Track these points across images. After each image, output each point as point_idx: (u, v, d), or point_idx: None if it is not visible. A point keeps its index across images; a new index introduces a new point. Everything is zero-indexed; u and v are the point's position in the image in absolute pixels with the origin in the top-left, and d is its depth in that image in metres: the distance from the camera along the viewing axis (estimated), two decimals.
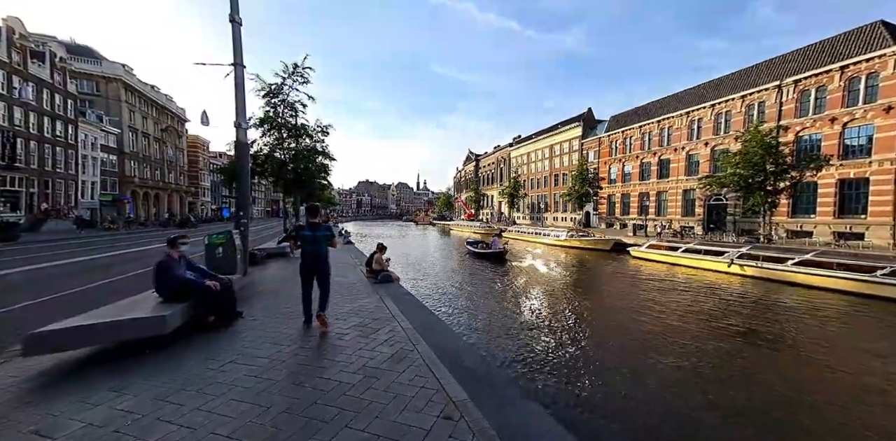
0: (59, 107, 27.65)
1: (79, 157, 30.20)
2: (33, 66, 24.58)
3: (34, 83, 24.80)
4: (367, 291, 5.53)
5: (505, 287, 10.44)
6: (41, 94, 25.68)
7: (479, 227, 41.90)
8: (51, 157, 27.01)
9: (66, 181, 28.95)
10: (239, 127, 7.76)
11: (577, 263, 16.61)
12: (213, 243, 6.16)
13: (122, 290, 5.14)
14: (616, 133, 33.67)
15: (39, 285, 7.11)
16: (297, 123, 15.89)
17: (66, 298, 5.72)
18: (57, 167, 27.88)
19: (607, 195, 34.82)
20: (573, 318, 7.19)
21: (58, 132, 27.69)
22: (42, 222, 25.13)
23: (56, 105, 27.39)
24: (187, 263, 3.84)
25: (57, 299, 5.59)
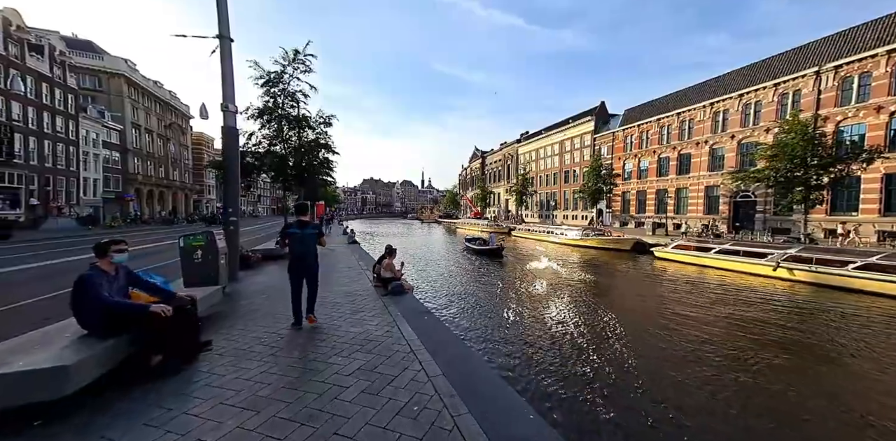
0: (59, 101, 27.06)
1: (80, 154, 29.67)
2: (31, 59, 23.94)
3: (33, 77, 24.20)
4: (376, 307, 4.46)
5: (528, 294, 9.32)
6: (40, 88, 25.09)
7: (486, 225, 40.70)
8: (51, 154, 26.47)
9: (67, 178, 28.44)
10: (226, 110, 6.73)
11: (596, 265, 15.41)
12: (190, 246, 5.14)
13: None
14: (631, 127, 32.12)
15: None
16: (298, 115, 14.88)
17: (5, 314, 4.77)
18: (58, 164, 27.36)
19: (621, 192, 33.34)
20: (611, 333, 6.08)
21: (58, 128, 27.13)
22: (42, 220, 24.65)
23: (56, 100, 26.80)
24: (129, 278, 2.82)
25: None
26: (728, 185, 22.56)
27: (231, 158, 6.93)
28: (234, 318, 4.05)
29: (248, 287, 6.27)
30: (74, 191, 29.32)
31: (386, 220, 79.15)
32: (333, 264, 9.11)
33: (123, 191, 34.83)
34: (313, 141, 15.86)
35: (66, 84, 27.87)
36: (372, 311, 4.33)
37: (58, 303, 5.23)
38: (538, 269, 13.99)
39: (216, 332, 3.54)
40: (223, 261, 5.57)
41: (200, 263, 5.20)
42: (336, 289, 5.89)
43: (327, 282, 6.68)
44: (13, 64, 22.08)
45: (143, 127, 38.32)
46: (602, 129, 37.26)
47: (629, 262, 16.44)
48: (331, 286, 6.24)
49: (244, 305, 4.75)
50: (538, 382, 3.98)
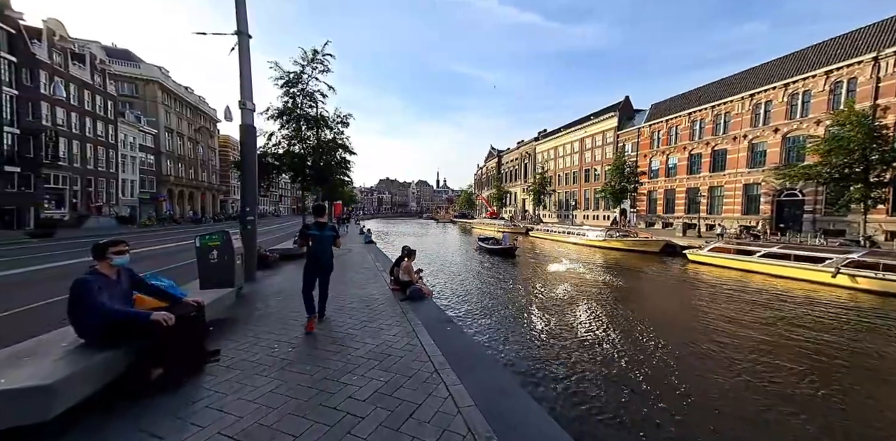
0: (99, 107, 28.81)
1: (119, 157, 31.50)
2: (74, 67, 25.58)
3: (76, 84, 25.87)
4: (394, 315, 4.13)
5: (553, 300, 8.74)
6: (82, 94, 26.78)
7: (502, 225, 39.91)
8: (92, 157, 28.22)
9: (107, 179, 30.26)
10: (244, 107, 6.62)
11: (623, 268, 14.50)
12: (206, 246, 5.01)
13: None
14: (658, 122, 30.42)
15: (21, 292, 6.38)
16: (316, 114, 14.93)
17: (21, 316, 4.80)
18: (99, 166, 29.13)
19: (647, 191, 31.68)
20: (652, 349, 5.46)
21: (99, 132, 28.88)
22: (85, 219, 26.29)
23: (97, 106, 28.54)
24: (132, 282, 2.61)
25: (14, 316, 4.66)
26: (771, 183, 20.81)
27: (248, 156, 6.83)
28: (246, 324, 3.83)
29: (265, 288, 6.12)
30: (114, 192, 31.16)
31: (401, 220, 79.60)
32: (350, 265, 8.91)
33: (157, 191, 36.74)
34: (331, 141, 15.91)
35: (106, 91, 29.64)
36: (390, 319, 4.00)
37: None
38: (560, 271, 13.30)
39: (225, 340, 3.31)
40: (239, 261, 5.42)
41: (216, 264, 5.05)
42: (352, 291, 5.62)
43: (343, 283, 6.44)
44: (57, 72, 23.64)
45: (175, 131, 40.28)
46: (626, 126, 35.58)
47: (659, 265, 15.40)
48: (347, 288, 5.99)
49: (258, 309, 4.55)
50: (581, 415, 3.44)
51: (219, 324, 3.78)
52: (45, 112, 23.04)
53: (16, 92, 20.55)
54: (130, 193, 33.43)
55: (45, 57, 22.44)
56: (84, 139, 27.13)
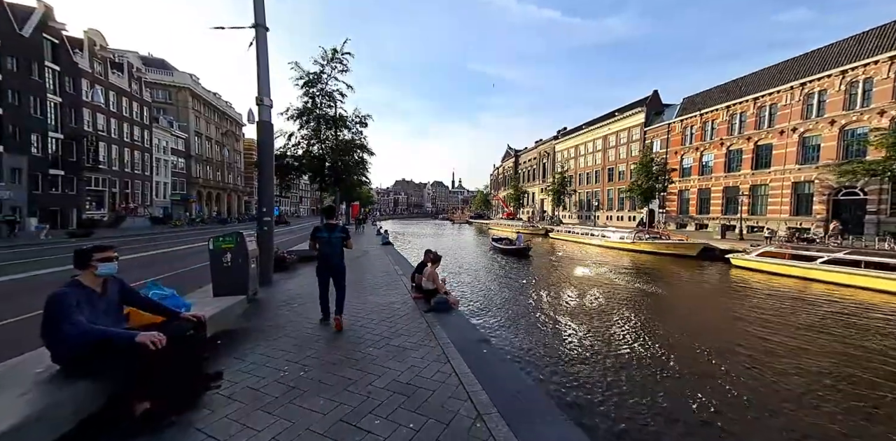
0: (136, 113, 30.41)
1: (153, 160, 33.14)
2: (113, 75, 27.08)
3: (115, 92, 27.39)
4: (419, 329, 3.65)
5: (590, 312, 7.98)
6: (120, 101, 28.33)
7: (521, 226, 38.83)
8: (129, 160, 29.81)
9: (142, 182, 31.90)
10: (261, 103, 6.36)
11: (659, 273, 13.37)
12: (219, 249, 4.71)
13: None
14: (691, 117, 28.47)
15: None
16: (335, 114, 14.82)
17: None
18: (135, 169, 30.76)
19: (678, 190, 29.74)
20: (718, 376, 4.65)
21: (135, 137, 30.49)
22: (122, 219, 27.76)
23: (133, 112, 30.15)
24: (123, 294, 2.24)
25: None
26: (827, 181, 18.80)
27: (265, 155, 6.57)
28: (256, 338, 3.44)
29: (280, 293, 5.80)
30: (148, 193, 32.82)
31: (417, 221, 79.59)
32: (367, 268, 8.53)
33: (187, 193, 38.44)
34: (349, 141, 15.79)
35: (142, 97, 31.27)
36: (414, 336, 3.49)
37: None
38: (589, 276, 12.40)
39: (230, 358, 2.91)
40: (254, 264, 5.11)
41: (229, 268, 4.75)
42: (371, 299, 5.18)
43: (361, 289, 6.03)
44: (98, 80, 25.07)
45: (204, 135, 42.07)
46: (655, 121, 33.66)
47: (697, 270, 14.12)
48: (365, 294, 5.57)
49: (271, 319, 4.17)
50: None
51: (227, 337, 3.41)
52: (87, 118, 24.48)
53: (59, 99, 21.90)
54: (163, 195, 35.10)
55: (86, 66, 23.84)
56: (122, 143, 28.68)
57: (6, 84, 18.08)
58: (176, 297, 2.80)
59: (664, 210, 31.83)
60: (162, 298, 2.71)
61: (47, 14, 20.12)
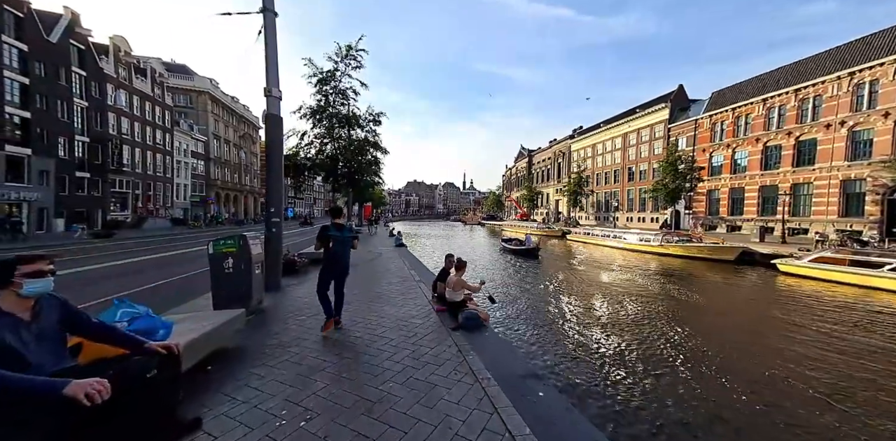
0: (158, 117, 31.24)
1: (174, 163, 33.98)
2: (137, 80, 27.87)
3: (138, 96, 28.18)
4: (447, 355, 2.96)
5: (628, 321, 7.11)
6: (144, 105, 29.14)
7: (535, 227, 37.69)
8: (151, 163, 30.60)
9: (164, 184, 32.72)
10: (269, 95, 5.87)
11: (696, 280, 12.22)
12: (219, 253, 4.19)
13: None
14: (722, 112, 26.75)
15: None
16: (348, 112, 14.42)
17: None
18: (157, 171, 31.56)
19: (706, 190, 28.00)
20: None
21: (157, 140, 31.31)
22: (144, 220, 28.47)
23: (156, 116, 30.98)
24: (64, 319, 1.68)
25: None
26: (881, 178, 17.02)
27: (274, 150, 6.07)
28: (254, 362, 2.85)
29: (288, 301, 5.26)
30: (169, 195, 33.64)
31: (428, 222, 79.08)
32: (382, 272, 7.94)
33: (206, 195, 39.30)
34: (363, 140, 15.36)
35: (164, 102, 32.12)
36: (444, 365, 2.80)
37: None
38: (619, 283, 11.40)
39: (218, 394, 2.31)
40: (258, 270, 4.57)
41: (231, 275, 4.22)
42: (388, 311, 4.55)
43: (376, 297, 5.42)
44: (122, 85, 25.81)
45: (223, 138, 43.00)
46: (680, 118, 31.95)
47: (737, 277, 12.85)
48: (381, 304, 4.95)
49: (274, 334, 3.59)
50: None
51: (221, 360, 2.84)
52: (112, 122, 25.20)
53: (85, 103, 22.58)
54: (183, 197, 35.94)
55: (111, 71, 24.55)
56: (144, 146, 29.46)
57: (34, 88, 18.68)
58: (150, 318, 2.23)
59: (691, 211, 30.08)
60: (133, 319, 2.14)
61: (74, 20, 20.77)
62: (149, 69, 29.63)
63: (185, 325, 2.76)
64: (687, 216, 30.40)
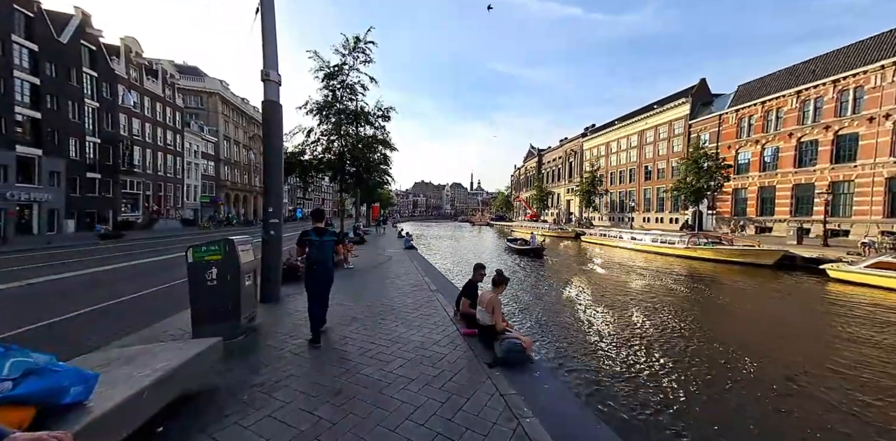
0: (169, 118, 31.34)
1: (184, 164, 34.09)
2: (148, 82, 27.93)
3: (149, 97, 28.26)
4: (491, 413, 2.13)
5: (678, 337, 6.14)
6: (155, 106, 29.22)
7: (547, 228, 36.54)
8: (162, 164, 30.68)
9: (174, 185, 32.81)
10: (267, 79, 5.15)
11: (733, 286, 11.08)
12: (201, 261, 3.45)
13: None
14: (750, 106, 25.22)
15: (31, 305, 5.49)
16: (356, 108, 13.73)
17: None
18: (168, 172, 31.65)
19: (732, 189, 26.44)
20: None
21: (168, 141, 31.40)
22: (155, 221, 28.49)
23: (167, 117, 31.07)
24: None
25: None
26: None
27: (273, 142, 5.35)
28: (218, 420, 2.06)
29: (286, 316, 4.52)
30: (180, 196, 33.74)
31: (436, 223, 78.30)
32: (393, 280, 7.16)
33: (216, 196, 39.42)
34: (371, 137, 14.66)
35: (175, 103, 32.23)
36: (491, 431, 1.95)
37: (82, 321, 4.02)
38: (649, 290, 10.35)
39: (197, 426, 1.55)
40: (249, 281, 3.82)
41: (214, 288, 3.48)
42: (402, 333, 3.75)
43: (388, 313, 4.63)
44: (133, 86, 25.83)
45: (232, 139, 43.17)
46: (702, 113, 30.41)
47: (779, 282, 11.64)
48: (393, 322, 4.16)
49: (262, 368, 2.82)
50: None
51: (178, 414, 2.07)
52: (123, 122, 25.23)
53: (97, 104, 22.58)
54: (193, 198, 36.06)
55: (122, 72, 24.58)
56: (155, 147, 29.53)
57: (45, 89, 18.64)
58: (54, 373, 1.46)
59: (714, 211, 28.53)
60: (25, 376, 1.38)
61: (85, 21, 20.75)
62: (160, 70, 29.72)
63: (130, 369, 2.00)
64: (710, 217, 28.85)
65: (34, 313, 4.78)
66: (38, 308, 5.11)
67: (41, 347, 1.63)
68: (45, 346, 3.38)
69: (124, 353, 2.31)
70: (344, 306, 5.03)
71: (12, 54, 16.63)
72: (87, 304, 5.32)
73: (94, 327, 4.35)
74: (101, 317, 4.84)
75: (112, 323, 4.51)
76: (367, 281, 7.06)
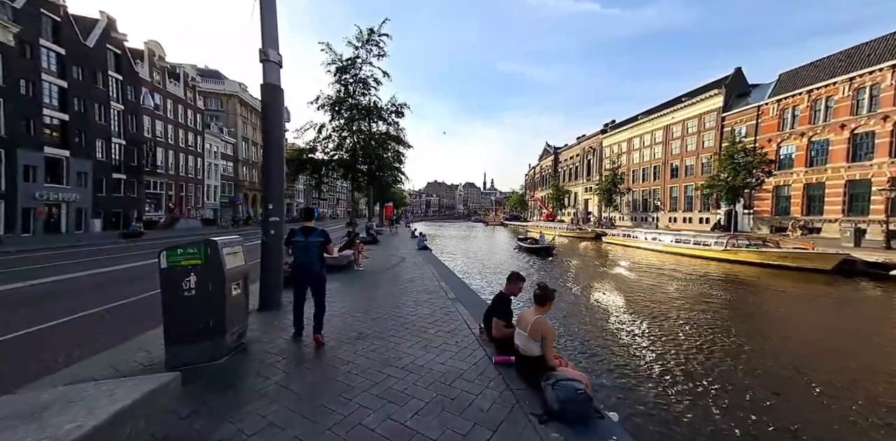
0: (190, 120, 32.11)
1: (205, 164, 34.90)
2: (170, 84, 28.64)
3: (171, 100, 28.98)
4: None
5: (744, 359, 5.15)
6: (177, 108, 29.96)
7: (565, 228, 35.08)
8: (184, 165, 31.45)
9: (195, 185, 33.62)
10: (266, 59, 4.57)
11: (791, 295, 9.73)
12: (177, 266, 2.85)
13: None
14: (794, 95, 23.09)
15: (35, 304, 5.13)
16: (369, 103, 13.20)
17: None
18: (189, 173, 32.44)
19: (773, 186, 24.33)
20: None
21: (189, 142, 32.18)
22: (176, 220, 29.19)
23: (188, 119, 31.85)
24: None
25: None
26: None
27: (273, 130, 4.78)
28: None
29: (284, 328, 3.92)
30: (200, 196, 34.57)
31: (449, 223, 77.44)
32: (405, 285, 6.47)
33: (235, 196, 40.27)
34: (384, 133, 14.11)
35: (196, 105, 33.01)
36: None
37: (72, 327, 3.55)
38: (690, 297, 9.20)
39: None
40: (237, 290, 3.20)
41: (192, 299, 2.88)
42: (417, 356, 3.04)
43: (401, 327, 3.93)
44: (157, 89, 26.50)
45: (251, 140, 44.02)
46: (737, 105, 28.26)
47: (845, 290, 10.18)
48: (406, 340, 3.48)
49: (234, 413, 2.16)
50: None
51: None
52: (146, 125, 25.91)
53: (121, 107, 23.21)
54: (213, 198, 36.90)
55: (146, 75, 25.22)
56: (177, 149, 30.28)
57: (72, 92, 19.20)
58: None
59: (750, 210, 26.40)
60: None
61: (110, 25, 21.32)
62: (181, 73, 30.45)
63: (38, 426, 1.37)
64: (746, 216, 26.72)
65: (24, 318, 4.39)
66: (27, 313, 4.74)
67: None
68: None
69: (55, 394, 1.70)
70: (350, 318, 4.38)
71: (40, 58, 17.17)
72: (82, 309, 4.92)
73: (70, 339, 3.88)
74: (86, 326, 4.39)
75: (98, 332, 4.04)
76: (379, 286, 6.42)
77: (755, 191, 24.28)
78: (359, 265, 8.46)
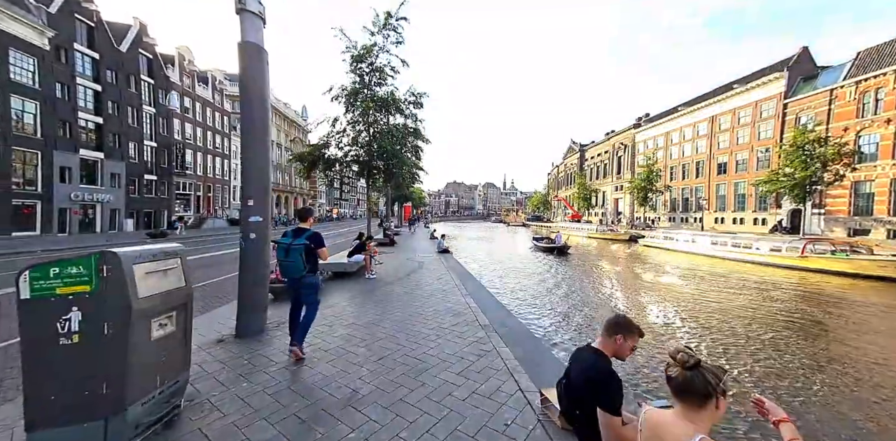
0: (217, 122, 33.00)
1: (231, 165, 35.81)
2: (199, 88, 29.46)
3: (200, 103, 29.82)
4: None
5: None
6: (205, 111, 30.81)
7: (596, 230, 32.56)
8: (211, 166, 32.33)
9: (222, 186, 34.54)
10: (244, 8, 3.47)
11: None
12: (47, 297, 1.72)
13: None
14: (878, 76, 19.71)
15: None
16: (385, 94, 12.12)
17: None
18: (216, 174, 33.34)
19: (852, 182, 20.88)
20: None
21: (217, 144, 33.07)
22: (204, 220, 29.96)
23: (216, 121, 32.73)
24: None
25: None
26: None
27: (253, 106, 3.67)
28: None
29: (253, 371, 2.78)
30: (227, 197, 35.49)
31: (468, 223, 75.65)
32: (424, 300, 5.22)
33: None
34: (402, 126, 13.01)
35: (223, 108, 33.91)
36: None
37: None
38: (780, 319, 7.21)
39: None
40: (160, 330, 2.06)
41: (74, 350, 1.74)
42: (446, 407, 1.77)
43: (417, 372, 2.65)
44: (187, 92, 27.26)
45: (274, 141, 44.94)
46: (804, 89, 24.77)
47: None
48: (426, 403, 2.24)
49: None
50: None
51: None
52: (176, 127, 26.69)
53: (153, 110, 23.92)
54: (239, 198, 37.83)
55: (176, 79, 25.95)
56: (205, 150, 31.13)
57: (106, 95, 19.82)
58: None
59: (821, 210, 22.92)
60: None
61: (142, 30, 21.96)
62: (210, 77, 31.31)
63: None
64: (815, 217, 23.23)
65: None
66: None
67: None
68: None
69: None
70: (346, 355, 3.18)
71: (75, 62, 17.75)
72: None
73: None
74: None
75: None
76: (391, 302, 5.21)
77: (829, 188, 20.93)
78: (371, 272, 7.34)
